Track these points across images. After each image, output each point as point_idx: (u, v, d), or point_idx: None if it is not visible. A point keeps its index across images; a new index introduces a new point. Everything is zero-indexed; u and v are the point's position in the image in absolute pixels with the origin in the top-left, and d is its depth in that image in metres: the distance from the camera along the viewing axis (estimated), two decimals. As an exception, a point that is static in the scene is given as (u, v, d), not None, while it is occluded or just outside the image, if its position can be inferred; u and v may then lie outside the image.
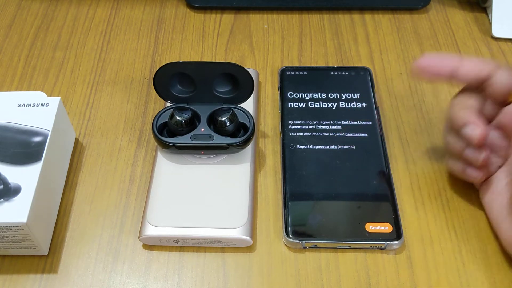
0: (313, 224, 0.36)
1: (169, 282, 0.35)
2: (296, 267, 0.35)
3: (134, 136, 0.43)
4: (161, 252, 0.36)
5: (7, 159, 0.35)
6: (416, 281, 0.34)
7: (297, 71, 0.46)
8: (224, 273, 0.35)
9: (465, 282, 0.34)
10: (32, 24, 0.52)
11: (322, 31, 0.51)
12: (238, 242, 0.35)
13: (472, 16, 0.53)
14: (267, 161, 0.41)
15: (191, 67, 0.39)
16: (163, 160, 0.39)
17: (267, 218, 0.37)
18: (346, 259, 0.35)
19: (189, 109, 0.40)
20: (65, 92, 0.46)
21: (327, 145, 0.40)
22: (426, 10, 0.54)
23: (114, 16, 0.53)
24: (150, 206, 0.36)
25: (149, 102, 0.45)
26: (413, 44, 0.50)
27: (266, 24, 0.52)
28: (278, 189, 0.39)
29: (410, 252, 0.36)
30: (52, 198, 0.37)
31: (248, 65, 0.48)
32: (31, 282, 0.35)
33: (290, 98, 0.44)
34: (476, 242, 0.36)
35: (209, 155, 0.39)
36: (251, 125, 0.39)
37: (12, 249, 0.35)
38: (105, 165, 0.41)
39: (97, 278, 0.35)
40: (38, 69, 0.48)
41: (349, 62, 0.48)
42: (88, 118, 0.44)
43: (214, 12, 0.53)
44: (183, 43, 0.50)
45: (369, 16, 0.53)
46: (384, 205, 0.37)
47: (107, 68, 0.48)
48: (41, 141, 0.36)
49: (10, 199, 0.33)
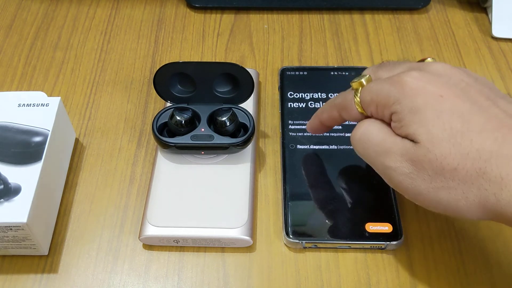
0: (313, 224, 0.36)
1: (169, 282, 0.35)
2: (296, 267, 0.35)
3: (134, 136, 0.43)
4: (161, 252, 0.36)
5: (7, 159, 0.35)
6: (416, 281, 0.34)
7: (297, 71, 0.46)
8: (224, 273, 0.35)
9: (465, 282, 0.34)
10: (32, 24, 0.52)
11: (322, 31, 0.51)
12: (238, 242, 0.35)
13: (472, 16, 0.53)
14: (267, 161, 0.41)
15: (191, 67, 0.39)
16: (163, 160, 0.39)
17: (267, 218, 0.37)
18: (346, 259, 0.35)
19: (189, 109, 0.40)
20: (65, 92, 0.46)
21: (327, 145, 0.40)
22: (426, 10, 0.54)
23: (114, 16, 0.53)
24: (150, 206, 0.36)
25: (149, 102, 0.45)
26: (413, 44, 0.50)
27: (266, 24, 0.52)
28: (278, 189, 0.39)
29: (410, 252, 0.36)
30: (52, 198, 0.37)
31: (248, 65, 0.48)
32: (31, 282, 0.35)
33: (290, 98, 0.44)
34: (476, 242, 0.36)
35: (209, 155, 0.39)
36: (251, 125, 0.39)
37: (12, 249, 0.35)
38: (105, 165, 0.41)
39: (97, 278, 0.35)
40: (38, 69, 0.48)
41: (349, 62, 0.48)
42: (88, 118, 0.44)
43: (214, 12, 0.53)
44: (183, 43, 0.50)
45: (369, 16, 0.53)
46: (384, 205, 0.37)
47: (107, 68, 0.48)
48: (41, 141, 0.36)
49: (10, 199, 0.33)
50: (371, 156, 0.31)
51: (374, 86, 0.31)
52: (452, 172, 0.27)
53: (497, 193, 0.26)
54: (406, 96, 0.29)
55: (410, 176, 0.29)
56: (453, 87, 0.29)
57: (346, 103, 0.33)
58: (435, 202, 0.29)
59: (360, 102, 0.32)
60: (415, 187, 0.29)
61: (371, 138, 0.31)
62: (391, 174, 0.30)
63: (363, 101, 0.32)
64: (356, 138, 0.32)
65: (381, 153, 0.30)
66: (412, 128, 0.29)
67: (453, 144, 0.27)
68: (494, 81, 0.47)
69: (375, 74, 0.33)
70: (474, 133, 0.27)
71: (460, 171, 0.27)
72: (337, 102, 0.34)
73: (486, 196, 0.27)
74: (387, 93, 0.30)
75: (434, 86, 0.29)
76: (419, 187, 0.29)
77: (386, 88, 0.30)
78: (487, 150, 0.27)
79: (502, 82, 0.46)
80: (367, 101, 0.31)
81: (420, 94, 0.29)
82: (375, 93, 0.31)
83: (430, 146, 0.28)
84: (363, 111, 0.32)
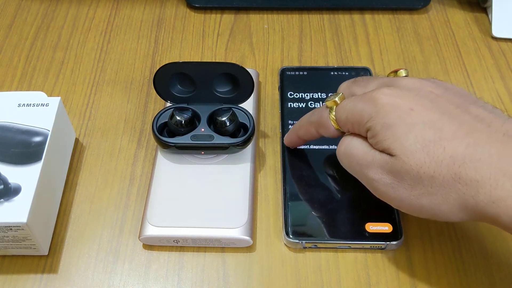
0: (313, 224, 0.36)
1: (169, 282, 0.35)
2: (296, 267, 0.35)
3: (134, 136, 0.43)
4: (161, 252, 0.36)
5: (7, 159, 0.35)
6: (416, 281, 0.34)
7: (297, 71, 0.46)
8: (224, 273, 0.35)
9: (465, 282, 0.34)
10: (32, 24, 0.52)
11: (322, 31, 0.51)
12: (238, 242, 0.35)
13: (472, 16, 0.53)
14: (267, 161, 0.41)
15: (191, 67, 0.39)
16: (163, 160, 0.39)
17: (267, 218, 0.37)
18: (346, 259, 0.35)
19: (189, 109, 0.40)
20: (65, 92, 0.46)
21: (327, 145, 0.40)
22: (426, 10, 0.54)
23: (114, 16, 0.53)
24: (150, 206, 0.36)
25: (149, 102, 0.45)
26: (413, 44, 0.50)
27: (266, 24, 0.52)
28: (278, 189, 0.39)
29: (410, 252, 0.36)
30: (52, 198, 0.37)
31: (248, 65, 0.48)
32: (31, 282, 0.35)
33: (290, 98, 0.44)
34: (476, 242, 0.36)
35: (209, 155, 0.39)
36: (251, 125, 0.39)
37: (12, 249, 0.35)
38: (105, 165, 0.41)
39: (97, 278, 0.35)
40: (38, 69, 0.48)
41: (349, 62, 0.48)
42: (88, 118, 0.44)
43: (214, 12, 0.53)
44: (183, 43, 0.50)
45: (369, 16, 0.53)
46: (384, 205, 0.37)
47: (107, 68, 0.48)
48: (41, 141, 0.36)
49: (10, 199, 0.33)
50: (356, 169, 0.33)
51: (347, 104, 0.33)
52: (429, 179, 0.28)
53: (475, 196, 0.27)
54: (378, 112, 0.30)
55: (391, 186, 0.30)
56: (423, 99, 0.30)
57: (322, 120, 0.35)
58: (419, 207, 0.30)
59: (336, 120, 0.34)
60: (397, 196, 0.30)
61: (353, 152, 0.32)
62: (375, 185, 0.31)
63: (338, 119, 0.33)
64: (341, 152, 0.34)
65: (363, 166, 0.32)
66: (387, 143, 0.30)
67: (427, 153, 0.28)
68: (494, 81, 0.47)
69: (349, 89, 0.35)
70: (446, 141, 0.28)
71: (437, 177, 0.28)
72: (313, 119, 0.36)
73: (465, 199, 0.28)
74: (361, 111, 0.31)
75: (404, 100, 0.30)
76: (402, 195, 0.30)
77: (360, 106, 0.32)
78: (460, 156, 0.28)
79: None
80: (343, 120, 0.33)
81: (391, 109, 0.30)
82: (349, 112, 0.32)
83: (405, 158, 0.29)
84: (339, 127, 0.34)
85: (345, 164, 0.34)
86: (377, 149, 0.31)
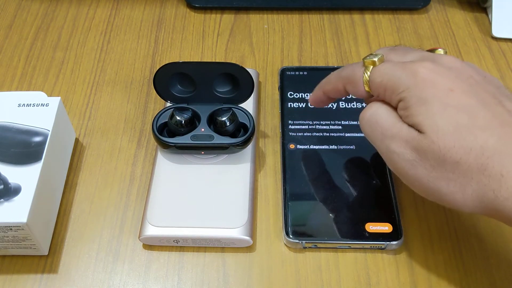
0: (313, 224, 0.36)
1: (169, 282, 0.35)
2: (296, 267, 0.35)
3: (134, 136, 0.43)
4: (161, 252, 0.36)
5: (7, 159, 0.35)
6: (416, 281, 0.34)
7: (297, 71, 0.46)
8: (224, 273, 0.35)
9: (465, 282, 0.34)
10: (32, 24, 0.52)
11: (322, 31, 0.51)
12: (238, 242, 0.35)
13: (472, 16, 0.53)
14: (267, 161, 0.41)
15: (191, 67, 0.39)
16: (163, 160, 0.39)
17: (267, 218, 0.37)
18: (346, 259, 0.35)
19: (189, 109, 0.40)
20: (65, 92, 0.46)
21: (327, 145, 0.40)
22: (426, 10, 0.54)
23: (114, 16, 0.53)
24: (150, 206, 0.36)
25: (149, 102, 0.45)
26: (413, 44, 0.50)
27: (266, 24, 0.52)
28: (278, 189, 0.39)
29: (410, 252, 0.36)
30: (52, 198, 0.37)
31: (248, 65, 0.48)
32: (31, 282, 0.35)
33: (290, 98, 0.44)
34: (476, 242, 0.36)
35: (209, 155, 0.39)
36: (251, 125, 0.39)
37: (12, 249, 0.35)
38: (105, 165, 0.41)
39: (97, 278, 0.35)
40: (38, 69, 0.48)
41: (349, 62, 0.48)
42: (88, 118, 0.44)
43: (214, 12, 0.53)
44: (183, 43, 0.50)
45: (369, 16, 0.53)
46: (384, 205, 0.37)
47: (107, 68, 0.48)
48: (41, 141, 0.36)
49: (10, 199, 0.33)
50: (377, 138, 0.31)
51: (386, 68, 0.31)
52: (453, 165, 0.28)
53: (496, 190, 0.27)
54: (416, 85, 0.29)
55: (412, 163, 0.29)
56: (462, 82, 0.30)
57: (355, 78, 0.33)
58: (432, 191, 0.29)
59: (369, 81, 0.32)
60: (415, 174, 0.29)
61: (379, 121, 0.31)
62: (394, 159, 0.30)
63: (372, 81, 0.32)
64: (366, 118, 0.32)
65: (387, 136, 0.31)
66: (418, 119, 0.29)
67: (457, 138, 0.28)
68: (494, 81, 0.47)
69: (387, 56, 0.33)
70: (479, 129, 0.28)
71: (462, 164, 0.28)
72: (343, 74, 0.34)
73: (485, 191, 0.27)
74: (398, 79, 0.30)
75: (445, 79, 0.29)
76: (419, 174, 0.29)
77: (398, 73, 0.30)
78: (490, 147, 0.27)
79: (502, 82, 0.46)
80: (377, 83, 0.31)
81: (430, 85, 0.29)
82: (386, 77, 0.31)
83: (435, 138, 0.28)
84: (369, 90, 0.32)
85: (367, 131, 0.32)
86: (406, 123, 0.30)
